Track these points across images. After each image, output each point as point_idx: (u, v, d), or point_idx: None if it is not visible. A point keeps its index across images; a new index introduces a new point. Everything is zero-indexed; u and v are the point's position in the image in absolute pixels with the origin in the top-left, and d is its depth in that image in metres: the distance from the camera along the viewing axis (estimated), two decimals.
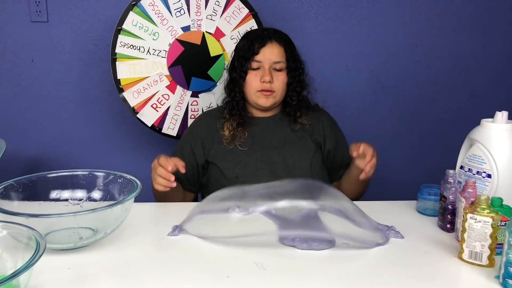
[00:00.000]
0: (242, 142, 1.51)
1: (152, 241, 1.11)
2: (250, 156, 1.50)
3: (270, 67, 1.49)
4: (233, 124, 1.51)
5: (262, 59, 1.48)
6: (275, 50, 1.49)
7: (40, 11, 2.02)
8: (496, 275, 0.94)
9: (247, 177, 1.48)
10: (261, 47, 1.48)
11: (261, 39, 1.49)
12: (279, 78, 1.50)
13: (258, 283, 0.93)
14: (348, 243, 1.10)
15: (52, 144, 2.16)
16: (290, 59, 1.51)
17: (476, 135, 1.16)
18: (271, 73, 1.48)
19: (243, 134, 1.51)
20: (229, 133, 1.51)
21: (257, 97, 1.50)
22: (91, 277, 0.94)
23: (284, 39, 1.52)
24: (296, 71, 1.52)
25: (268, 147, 1.52)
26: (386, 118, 2.26)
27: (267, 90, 1.48)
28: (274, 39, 1.50)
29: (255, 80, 1.49)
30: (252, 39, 1.51)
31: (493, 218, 0.96)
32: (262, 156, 1.51)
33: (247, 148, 1.51)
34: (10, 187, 1.11)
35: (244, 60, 1.50)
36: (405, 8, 2.16)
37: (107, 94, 2.11)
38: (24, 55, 2.07)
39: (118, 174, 1.19)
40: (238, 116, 1.52)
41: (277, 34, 1.52)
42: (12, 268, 0.84)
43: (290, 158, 1.51)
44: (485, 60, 2.24)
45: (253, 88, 1.50)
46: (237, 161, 1.50)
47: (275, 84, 1.49)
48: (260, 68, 1.49)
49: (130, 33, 1.84)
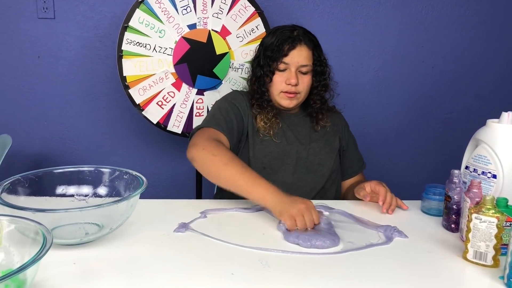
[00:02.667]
0: (276, 133, 1.51)
1: (157, 238, 1.11)
2: (280, 148, 1.51)
3: (296, 70, 1.47)
4: (267, 115, 1.50)
5: (290, 62, 1.46)
6: (304, 53, 1.47)
7: (47, 8, 2.03)
8: (501, 275, 0.94)
9: (273, 169, 1.49)
10: (291, 50, 1.45)
11: (291, 41, 1.46)
12: (304, 80, 1.48)
13: (263, 280, 0.93)
14: (353, 241, 1.10)
15: (58, 140, 2.17)
16: (316, 62, 1.50)
17: (481, 136, 1.16)
18: (297, 76, 1.46)
19: (277, 126, 1.52)
20: (265, 123, 1.50)
21: (280, 98, 1.50)
22: (96, 272, 0.95)
23: (313, 42, 1.50)
24: (322, 75, 1.52)
25: (296, 142, 1.53)
26: (391, 118, 2.26)
27: (292, 92, 1.48)
28: (303, 41, 1.47)
29: (281, 81, 1.47)
30: (281, 39, 1.47)
31: (498, 219, 0.96)
32: (291, 150, 1.51)
33: (280, 141, 1.51)
34: (17, 182, 1.11)
35: (271, 60, 1.47)
36: (411, 8, 2.16)
37: (113, 91, 2.12)
38: (31, 52, 2.08)
39: (124, 170, 1.20)
40: (270, 109, 1.51)
41: (306, 36, 1.49)
42: (19, 262, 0.85)
43: (315, 156, 1.52)
44: (491, 61, 2.23)
45: (278, 89, 1.49)
46: (267, 151, 1.50)
47: (300, 87, 1.48)
48: (286, 69, 1.47)
49: (136, 31, 1.85)
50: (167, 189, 2.22)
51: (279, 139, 1.51)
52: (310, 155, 1.52)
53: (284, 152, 1.51)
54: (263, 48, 1.52)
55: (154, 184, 2.18)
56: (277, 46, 1.46)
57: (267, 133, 1.50)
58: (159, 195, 1.47)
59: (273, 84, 1.49)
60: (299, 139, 1.54)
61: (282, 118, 1.55)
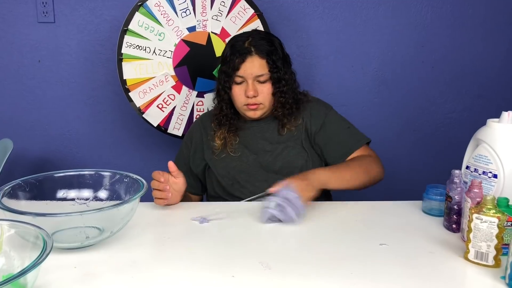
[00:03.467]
0: (233, 148, 1.51)
1: (157, 241, 1.11)
2: (243, 161, 1.51)
3: (253, 81, 1.44)
4: (223, 132, 1.51)
5: (244, 74, 1.44)
6: (256, 64, 1.43)
7: (47, 12, 2.04)
8: (502, 275, 0.94)
9: (241, 182, 1.49)
10: (241, 63, 1.43)
11: (240, 54, 1.43)
12: (264, 90, 1.45)
13: (263, 282, 0.93)
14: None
15: (58, 144, 2.18)
16: (273, 69, 1.45)
17: (482, 135, 1.16)
18: (255, 87, 1.44)
19: (234, 140, 1.51)
20: (220, 141, 1.51)
21: (244, 110, 1.48)
22: (97, 276, 0.95)
23: (266, 50, 1.44)
24: (280, 81, 1.46)
25: (260, 151, 1.52)
26: (392, 119, 2.26)
27: (253, 104, 1.46)
28: (254, 52, 1.43)
29: (240, 94, 1.46)
30: (231, 53, 1.45)
31: (499, 219, 0.96)
32: (256, 160, 1.51)
33: (239, 154, 1.51)
34: (18, 187, 1.12)
35: (226, 75, 1.46)
36: (411, 8, 2.15)
37: (113, 94, 2.12)
38: (31, 56, 2.08)
39: (124, 173, 1.20)
40: (228, 125, 1.51)
41: (257, 45, 1.44)
42: (19, 266, 0.85)
43: (284, 159, 1.50)
44: (491, 60, 2.23)
45: (239, 102, 1.47)
46: (230, 167, 1.50)
47: (260, 97, 1.45)
48: (244, 81, 1.45)
49: (136, 34, 1.85)
50: None
51: (237, 152, 1.51)
52: (278, 161, 1.50)
53: (248, 164, 1.50)
54: (222, 62, 1.50)
55: None
56: (229, 61, 1.45)
57: (223, 150, 1.51)
58: None
59: (234, 98, 1.48)
60: (264, 146, 1.52)
61: (250, 127, 1.54)
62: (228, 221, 1.24)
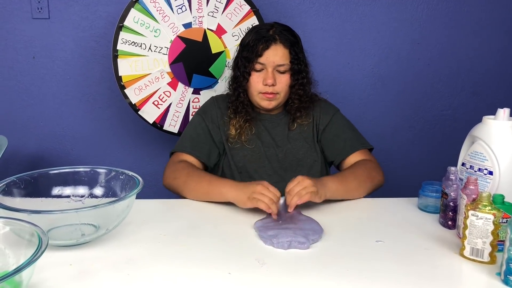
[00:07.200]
0: (248, 139, 1.51)
1: (153, 238, 1.11)
2: (255, 152, 1.51)
3: (273, 69, 1.44)
4: (239, 121, 1.50)
5: (265, 62, 1.43)
6: (279, 52, 1.43)
7: (41, 8, 2.02)
8: (498, 272, 0.94)
9: (249, 172, 1.50)
10: (265, 49, 1.42)
11: (265, 40, 1.42)
12: (282, 80, 1.45)
13: (260, 279, 0.93)
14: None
15: (54, 141, 2.17)
16: (294, 61, 1.45)
17: (477, 132, 1.16)
18: (274, 76, 1.44)
19: (250, 131, 1.51)
20: (236, 131, 1.50)
21: (259, 99, 1.48)
22: (93, 273, 0.94)
23: (290, 40, 1.45)
24: (300, 74, 1.47)
25: (273, 144, 1.52)
26: (387, 115, 2.26)
27: (270, 92, 1.45)
28: (279, 40, 1.43)
29: (258, 82, 1.45)
30: (256, 38, 1.44)
31: (495, 215, 0.96)
32: (267, 153, 1.51)
33: (253, 146, 1.51)
34: (12, 184, 1.11)
35: (247, 61, 1.45)
36: (406, 5, 2.15)
37: (108, 91, 2.11)
38: (26, 52, 2.07)
39: (120, 170, 1.19)
40: (244, 113, 1.50)
41: (282, 34, 1.44)
42: (14, 264, 0.85)
43: (294, 155, 1.51)
44: (487, 57, 2.23)
45: (256, 89, 1.46)
46: (241, 155, 1.51)
47: (278, 87, 1.45)
48: (263, 69, 1.45)
49: (132, 30, 1.84)
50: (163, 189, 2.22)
51: (252, 144, 1.51)
52: (288, 156, 1.51)
53: (259, 155, 1.51)
54: (241, 48, 1.50)
55: (150, 184, 2.17)
56: (252, 46, 1.44)
57: (238, 140, 1.50)
58: (155, 195, 1.46)
59: (250, 85, 1.47)
60: (276, 141, 1.53)
61: (261, 120, 1.54)
62: (224, 218, 1.24)
